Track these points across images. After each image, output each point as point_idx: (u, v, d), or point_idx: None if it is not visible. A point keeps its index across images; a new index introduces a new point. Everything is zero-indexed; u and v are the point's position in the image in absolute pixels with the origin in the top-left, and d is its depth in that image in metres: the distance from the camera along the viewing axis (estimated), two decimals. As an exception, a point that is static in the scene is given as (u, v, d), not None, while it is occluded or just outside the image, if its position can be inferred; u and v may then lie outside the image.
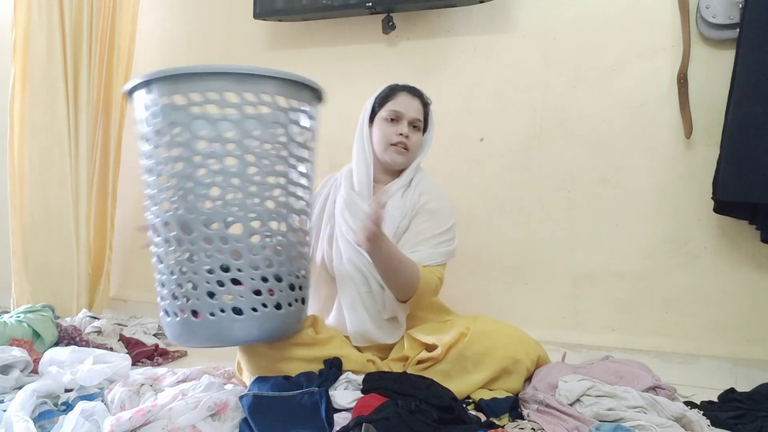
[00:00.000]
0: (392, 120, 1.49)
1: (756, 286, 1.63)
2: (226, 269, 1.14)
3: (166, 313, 1.19)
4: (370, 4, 1.87)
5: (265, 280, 1.16)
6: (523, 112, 1.86)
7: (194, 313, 1.14)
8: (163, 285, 1.19)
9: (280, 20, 2.07)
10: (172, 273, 1.15)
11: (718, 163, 1.56)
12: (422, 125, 1.54)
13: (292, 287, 1.20)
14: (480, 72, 1.91)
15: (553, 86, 1.83)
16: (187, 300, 1.14)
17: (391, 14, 1.93)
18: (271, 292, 1.17)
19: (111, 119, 2.22)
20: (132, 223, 2.39)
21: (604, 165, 1.77)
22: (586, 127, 1.79)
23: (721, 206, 1.58)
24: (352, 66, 2.06)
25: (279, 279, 1.18)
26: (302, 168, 1.23)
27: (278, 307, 1.17)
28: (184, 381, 1.36)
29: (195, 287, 1.13)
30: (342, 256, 1.46)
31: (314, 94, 1.23)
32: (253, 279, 1.14)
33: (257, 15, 2.05)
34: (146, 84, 1.13)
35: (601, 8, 1.77)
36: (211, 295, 1.13)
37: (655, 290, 1.72)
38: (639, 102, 1.73)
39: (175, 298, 1.16)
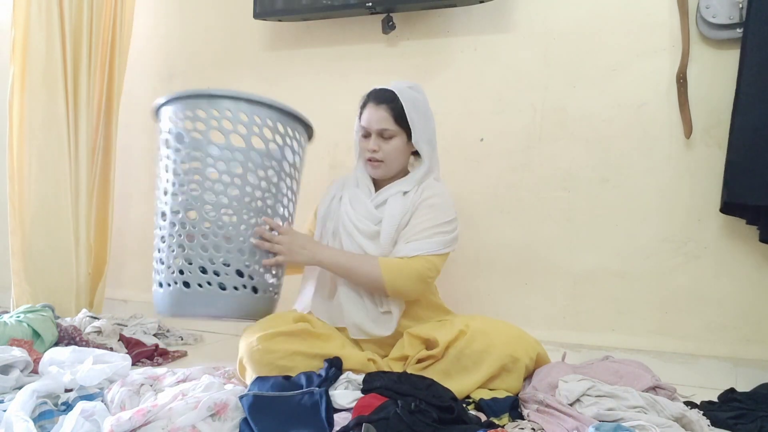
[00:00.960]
0: (364, 136, 1.53)
1: (756, 286, 1.63)
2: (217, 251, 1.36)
3: (160, 285, 1.40)
4: (370, 4, 1.87)
5: (247, 266, 1.38)
6: (523, 112, 1.86)
7: (186, 284, 1.35)
8: (161, 261, 1.40)
9: (280, 20, 2.07)
10: (172, 250, 1.38)
11: (727, 165, 1.56)
12: (396, 131, 1.49)
13: (268, 277, 1.44)
14: (480, 72, 1.91)
15: (553, 86, 1.83)
16: (182, 273, 1.36)
17: (391, 14, 1.92)
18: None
19: (112, 119, 2.22)
20: (132, 224, 2.39)
21: (604, 165, 1.77)
22: (586, 127, 1.79)
23: (728, 206, 1.58)
24: (352, 66, 2.06)
25: (259, 266, 1.41)
26: (291, 182, 1.48)
27: (255, 290, 1.40)
28: (184, 381, 1.35)
29: (190, 262, 1.36)
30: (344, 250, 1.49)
31: (305, 128, 1.49)
32: (239, 263, 1.37)
33: (257, 15, 2.05)
34: (168, 102, 1.38)
35: (601, 8, 1.77)
36: (203, 270, 1.35)
37: (655, 290, 1.72)
38: (639, 102, 1.73)
39: (171, 270, 1.37)
